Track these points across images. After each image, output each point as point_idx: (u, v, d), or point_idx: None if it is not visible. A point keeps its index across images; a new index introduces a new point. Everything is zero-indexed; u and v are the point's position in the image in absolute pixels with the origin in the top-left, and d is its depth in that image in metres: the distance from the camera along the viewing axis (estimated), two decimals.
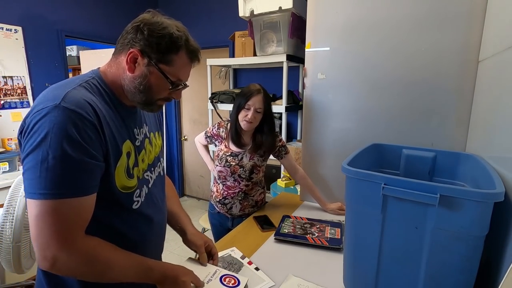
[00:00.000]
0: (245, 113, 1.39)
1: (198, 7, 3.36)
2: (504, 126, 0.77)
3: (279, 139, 1.51)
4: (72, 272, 0.64)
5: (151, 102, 0.74)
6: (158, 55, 0.68)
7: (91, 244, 0.64)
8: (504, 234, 0.68)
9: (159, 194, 0.87)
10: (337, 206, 1.45)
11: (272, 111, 1.48)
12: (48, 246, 0.59)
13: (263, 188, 1.60)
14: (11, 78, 2.48)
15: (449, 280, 0.67)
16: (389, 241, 0.73)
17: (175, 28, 0.69)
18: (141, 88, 0.70)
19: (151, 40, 0.67)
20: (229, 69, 3.16)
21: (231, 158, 1.47)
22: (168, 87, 0.72)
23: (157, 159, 0.88)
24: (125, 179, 0.71)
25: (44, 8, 2.63)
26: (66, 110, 0.59)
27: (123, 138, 0.72)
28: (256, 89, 1.40)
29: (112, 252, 0.67)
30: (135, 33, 0.68)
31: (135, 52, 0.68)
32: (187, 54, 0.71)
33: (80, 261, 0.62)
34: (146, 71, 0.69)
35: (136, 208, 0.75)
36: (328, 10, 1.37)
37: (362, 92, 1.35)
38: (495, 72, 0.91)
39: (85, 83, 0.68)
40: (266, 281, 0.94)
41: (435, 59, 1.19)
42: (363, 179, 0.74)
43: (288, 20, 2.23)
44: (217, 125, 1.56)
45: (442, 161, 0.96)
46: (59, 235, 0.59)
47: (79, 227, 0.63)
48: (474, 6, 1.08)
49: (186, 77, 0.75)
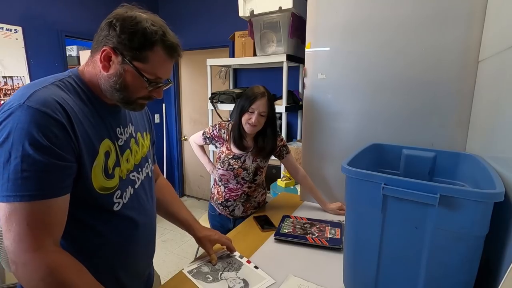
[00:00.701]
0: (249, 116, 1.37)
1: (198, 7, 3.36)
2: (504, 126, 0.77)
3: (280, 139, 1.50)
4: (28, 283, 0.58)
5: (130, 101, 0.71)
6: (132, 52, 0.64)
7: (57, 259, 0.59)
8: (504, 234, 0.68)
9: (147, 195, 0.85)
10: (337, 206, 1.45)
11: (275, 114, 1.46)
12: (12, 250, 0.57)
13: (264, 189, 1.60)
14: (11, 78, 2.48)
15: (449, 280, 0.67)
16: (389, 241, 0.73)
17: (150, 23, 0.64)
18: (117, 87, 0.67)
19: (123, 36, 0.63)
20: (229, 69, 3.16)
21: (234, 161, 1.45)
22: (145, 86, 0.68)
23: (145, 160, 0.85)
24: (103, 180, 0.68)
25: (44, 8, 2.63)
26: (30, 109, 0.57)
27: (101, 136, 0.69)
28: (261, 92, 1.37)
29: (76, 277, 0.61)
30: (107, 30, 0.65)
31: (108, 50, 0.65)
32: (164, 49, 0.67)
33: (37, 272, 0.57)
34: (121, 70, 0.66)
35: (117, 210, 0.72)
36: (328, 10, 1.37)
37: (362, 92, 1.35)
38: (495, 72, 0.91)
39: (59, 81, 0.66)
40: (266, 278, 0.94)
41: (435, 59, 1.19)
42: (363, 179, 0.74)
43: (288, 20, 2.23)
44: (218, 126, 1.51)
45: (442, 161, 0.96)
46: (22, 240, 0.56)
47: (46, 233, 0.59)
48: (474, 6, 1.08)
49: (166, 74, 0.71)
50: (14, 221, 0.56)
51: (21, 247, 0.57)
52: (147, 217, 0.83)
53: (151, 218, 0.87)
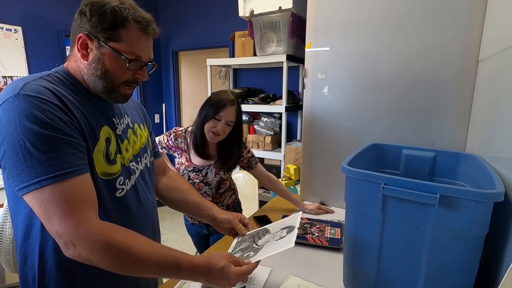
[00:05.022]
0: (214, 124, 1.26)
1: (198, 7, 3.36)
2: (504, 126, 0.77)
3: (247, 151, 1.43)
4: (90, 256, 0.58)
5: (114, 88, 0.69)
6: (105, 33, 0.64)
7: (107, 227, 0.61)
8: (503, 234, 0.68)
9: (147, 186, 0.85)
10: (315, 206, 1.42)
11: (242, 122, 1.37)
12: (62, 232, 0.57)
13: (232, 190, 1.53)
14: (11, 78, 2.48)
15: (449, 280, 0.67)
16: (389, 241, 0.73)
17: (118, 2, 0.64)
18: (98, 74, 0.66)
19: (94, 19, 0.63)
20: (229, 69, 3.16)
21: (194, 175, 1.35)
22: (125, 66, 0.67)
23: (143, 150, 0.85)
24: (105, 165, 0.68)
25: (44, 8, 2.64)
26: (27, 97, 0.57)
27: (100, 124, 0.69)
28: (230, 99, 1.27)
29: (131, 239, 0.62)
30: (79, 18, 0.65)
31: (83, 37, 0.64)
32: (136, 25, 0.65)
33: (96, 243, 0.58)
34: (99, 54, 0.65)
35: (121, 196, 0.72)
36: (328, 10, 1.37)
37: (362, 92, 1.35)
38: (495, 72, 0.91)
39: (47, 76, 0.66)
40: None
41: (435, 59, 1.19)
42: (363, 179, 0.74)
43: (288, 20, 2.23)
44: (174, 135, 1.37)
45: (442, 161, 0.96)
46: (69, 218, 0.57)
47: (88, 207, 0.60)
48: (474, 6, 1.08)
49: (146, 53, 0.69)
50: (53, 205, 0.56)
51: (71, 225, 0.57)
52: (147, 208, 0.82)
53: (152, 209, 0.86)
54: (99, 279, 0.71)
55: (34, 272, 0.68)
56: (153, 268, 0.63)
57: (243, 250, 0.87)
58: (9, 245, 1.29)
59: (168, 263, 0.64)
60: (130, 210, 0.76)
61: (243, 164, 1.44)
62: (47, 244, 0.66)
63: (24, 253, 0.69)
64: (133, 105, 0.90)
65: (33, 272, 0.68)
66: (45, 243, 0.66)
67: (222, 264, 0.68)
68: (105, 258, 0.59)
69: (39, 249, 0.67)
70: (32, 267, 0.68)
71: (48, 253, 0.67)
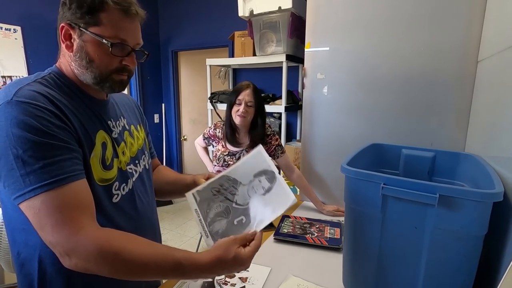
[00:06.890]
0: (237, 108, 1.44)
1: (198, 7, 3.35)
2: (504, 126, 0.77)
3: (275, 138, 1.52)
4: (86, 265, 0.57)
5: (104, 77, 0.66)
6: (84, 19, 0.62)
7: (102, 233, 0.59)
8: (503, 234, 0.68)
9: (146, 188, 0.83)
10: (334, 208, 1.43)
11: (263, 104, 1.51)
12: (55, 242, 0.55)
13: None
14: (11, 78, 2.48)
15: (449, 280, 0.67)
16: (388, 241, 0.73)
17: None
18: (84, 64, 0.64)
19: (73, 6, 0.62)
20: (229, 69, 3.16)
21: (229, 158, 1.48)
22: (109, 51, 0.64)
23: (141, 152, 0.84)
24: (101, 171, 0.67)
25: (43, 8, 2.63)
26: (20, 104, 0.55)
27: (96, 128, 0.68)
28: (246, 84, 1.47)
29: (128, 244, 0.59)
30: (62, 9, 0.64)
31: (65, 27, 0.63)
32: (116, 6, 0.63)
33: (90, 252, 0.55)
34: (81, 42, 0.63)
35: (116, 202, 0.71)
36: (327, 10, 1.37)
37: (362, 92, 1.35)
38: (495, 72, 0.91)
39: (41, 78, 0.65)
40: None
41: (434, 59, 1.19)
42: (363, 179, 0.74)
43: (288, 20, 2.23)
44: (214, 126, 1.59)
45: (442, 161, 0.96)
46: (61, 228, 0.55)
47: (81, 214, 0.58)
48: (473, 6, 1.09)
49: (131, 37, 0.66)
50: (46, 214, 0.55)
51: (63, 234, 0.55)
52: (146, 210, 0.81)
53: (151, 210, 0.85)
54: (100, 281, 0.70)
55: (33, 279, 0.67)
56: (154, 271, 0.61)
57: (223, 215, 0.73)
58: (9, 245, 1.28)
59: (169, 266, 0.61)
60: (129, 214, 0.75)
61: (270, 151, 1.51)
62: (46, 250, 0.64)
63: (22, 260, 0.68)
64: (130, 105, 0.89)
65: (32, 279, 0.67)
66: (44, 249, 0.64)
67: (233, 253, 0.62)
68: (101, 265, 0.57)
69: (38, 256, 0.66)
70: (31, 274, 0.67)
71: (48, 260, 0.66)
